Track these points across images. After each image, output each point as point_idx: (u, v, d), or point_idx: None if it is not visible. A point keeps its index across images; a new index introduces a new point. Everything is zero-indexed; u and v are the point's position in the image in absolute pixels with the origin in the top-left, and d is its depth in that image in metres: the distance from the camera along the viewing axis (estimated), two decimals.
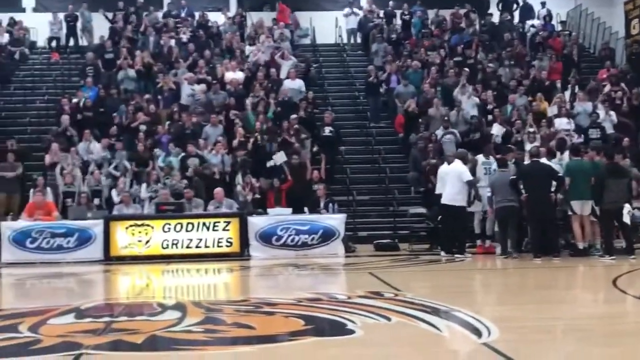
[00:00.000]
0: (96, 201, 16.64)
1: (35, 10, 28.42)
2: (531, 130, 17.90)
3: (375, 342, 6.33)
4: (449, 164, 14.41)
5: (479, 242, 14.90)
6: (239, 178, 17.21)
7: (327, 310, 7.85)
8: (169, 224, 15.11)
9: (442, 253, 14.16)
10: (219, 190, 16.07)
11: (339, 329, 6.87)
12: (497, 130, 18.25)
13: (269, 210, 15.96)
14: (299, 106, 19.74)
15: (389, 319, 7.22)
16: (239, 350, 6.18)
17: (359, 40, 26.24)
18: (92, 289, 12.10)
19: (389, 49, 23.42)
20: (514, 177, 13.74)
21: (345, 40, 26.55)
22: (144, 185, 16.88)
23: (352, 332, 6.68)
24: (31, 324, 7.28)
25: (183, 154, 17.56)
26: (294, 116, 18.90)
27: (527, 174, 13.67)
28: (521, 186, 13.59)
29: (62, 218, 15.52)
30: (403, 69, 22.01)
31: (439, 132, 18.55)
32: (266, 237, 15.26)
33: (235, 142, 18.13)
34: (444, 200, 14.09)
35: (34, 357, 5.93)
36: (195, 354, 6.00)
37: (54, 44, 25.48)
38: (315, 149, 18.90)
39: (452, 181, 14.01)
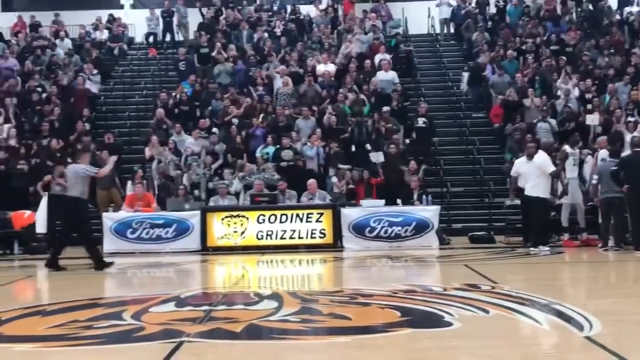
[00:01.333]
0: (194, 192, 17.00)
1: (133, 7, 29.24)
2: (631, 119, 17.34)
3: (474, 334, 6.25)
4: (532, 155, 14.00)
5: (566, 235, 14.56)
6: (331, 170, 17.30)
7: (423, 302, 7.80)
8: (264, 215, 15.29)
9: (540, 247, 13.83)
10: (312, 182, 16.18)
11: (436, 321, 6.82)
12: (591, 120, 17.67)
13: (361, 201, 15.98)
14: (391, 97, 19.69)
15: (487, 312, 7.12)
16: (335, 340, 6.20)
17: (452, 30, 25.95)
18: (190, 279, 12.35)
19: (484, 39, 23.09)
20: (615, 168, 13.32)
21: (437, 30, 26.28)
22: (237, 177, 17.16)
23: (449, 324, 6.62)
24: (134, 311, 7.49)
25: (277, 146, 17.77)
26: (385, 108, 18.86)
27: (629, 165, 13.24)
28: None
29: (160, 209, 15.90)
30: (498, 58, 21.66)
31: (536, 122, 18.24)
32: (359, 229, 15.27)
33: (328, 135, 18.21)
34: (526, 192, 13.84)
35: (138, 343, 6.11)
36: (293, 343, 6.05)
37: (151, 39, 26.11)
38: (408, 140, 18.83)
39: (534, 172, 13.70)
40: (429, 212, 15.41)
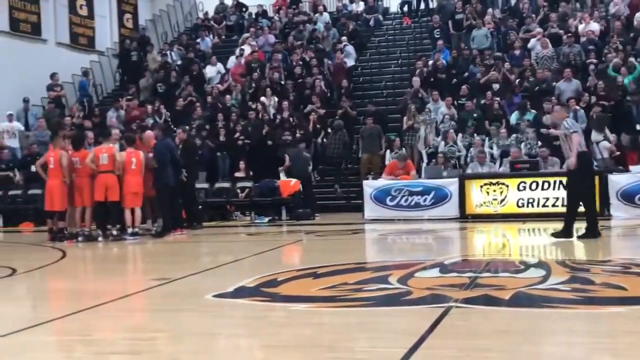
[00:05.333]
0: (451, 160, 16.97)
1: None
2: None
3: None
4: None
5: None
6: (594, 135, 16.44)
7: None
8: (524, 183, 14.90)
9: None
10: None
11: None
12: None
13: (631, 167, 15.06)
14: None
15: None
16: (610, 310, 5.89)
17: None
18: (451, 246, 12.35)
19: None
20: None
21: None
22: (495, 144, 16.88)
23: None
24: (399, 276, 7.59)
25: (535, 112, 17.22)
26: None
27: None
28: None
29: (419, 177, 16.02)
30: None
31: None
32: (629, 196, 14.44)
33: (593, 98, 17.32)
34: None
35: (407, 307, 6.20)
36: (566, 312, 5.83)
37: (405, 8, 26.25)
38: None
39: None
40: None
